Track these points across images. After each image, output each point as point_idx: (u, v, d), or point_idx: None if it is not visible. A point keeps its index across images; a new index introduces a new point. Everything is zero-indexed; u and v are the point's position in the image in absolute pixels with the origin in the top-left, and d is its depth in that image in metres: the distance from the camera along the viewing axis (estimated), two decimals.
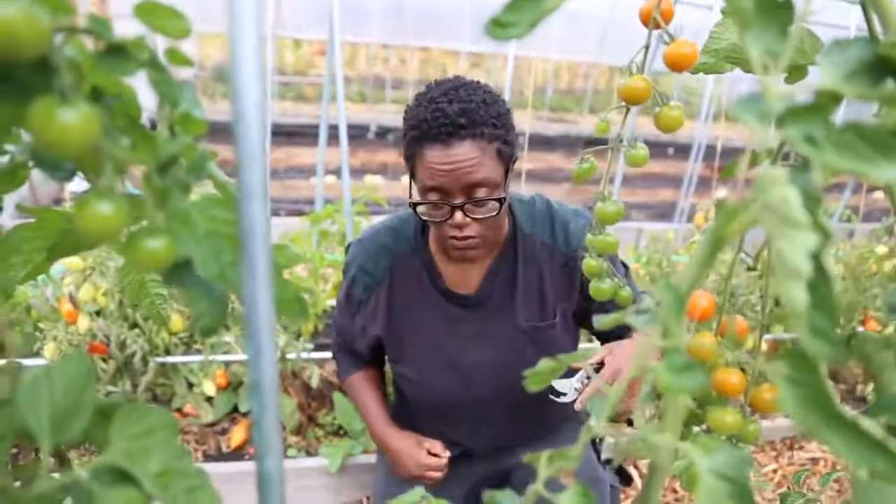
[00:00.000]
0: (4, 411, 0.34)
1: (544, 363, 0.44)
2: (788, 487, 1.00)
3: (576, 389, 1.15)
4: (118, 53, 0.36)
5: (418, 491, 0.49)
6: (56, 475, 0.35)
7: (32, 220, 0.56)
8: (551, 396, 1.15)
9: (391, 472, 1.38)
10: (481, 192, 1.10)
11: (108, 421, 0.38)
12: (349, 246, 1.35)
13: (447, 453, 1.30)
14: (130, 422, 0.38)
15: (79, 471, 0.34)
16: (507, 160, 1.13)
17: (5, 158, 0.45)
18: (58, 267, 2.26)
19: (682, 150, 7.14)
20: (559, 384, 1.15)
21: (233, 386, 2.09)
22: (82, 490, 0.33)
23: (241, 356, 1.99)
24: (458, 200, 1.10)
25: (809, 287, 0.30)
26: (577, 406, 1.12)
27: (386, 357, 1.41)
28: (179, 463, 0.40)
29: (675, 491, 2.18)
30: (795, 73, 0.55)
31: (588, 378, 1.15)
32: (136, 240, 0.35)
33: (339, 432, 2.07)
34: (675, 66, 0.60)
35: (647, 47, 0.60)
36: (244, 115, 0.32)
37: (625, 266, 1.31)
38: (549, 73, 10.22)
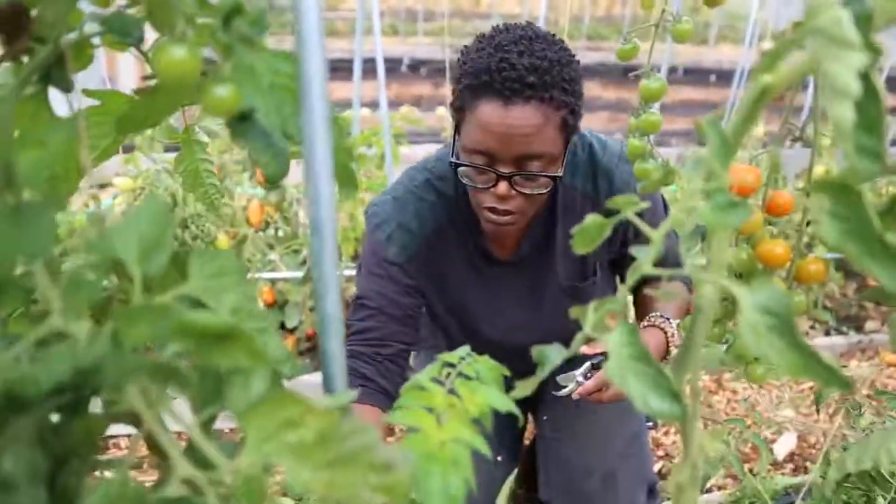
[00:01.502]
0: (100, 243, 0.37)
1: (591, 219, 0.46)
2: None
3: (577, 382, 1.10)
4: None
5: (465, 348, 0.52)
6: None
7: (98, 104, 0.59)
8: (553, 392, 1.12)
9: None
10: (535, 166, 0.98)
11: (184, 263, 0.41)
12: (372, 206, 1.21)
13: None
14: (205, 262, 0.41)
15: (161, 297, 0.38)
16: (570, 132, 1.00)
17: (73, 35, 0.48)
18: (107, 200, 2.34)
19: (725, 77, 6.91)
20: (562, 378, 1.12)
21: (279, 304, 2.16)
22: (172, 311, 0.36)
23: (287, 273, 2.06)
24: (506, 170, 0.98)
25: (857, 107, 0.31)
26: (575, 396, 1.08)
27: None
28: (250, 305, 0.44)
29: (710, 406, 2.22)
30: None
31: (591, 372, 1.11)
32: (205, 86, 0.37)
33: None
34: None
35: None
36: None
37: (665, 205, 1.27)
38: (586, 0, 9.90)
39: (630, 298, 1.35)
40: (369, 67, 2.52)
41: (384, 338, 1.13)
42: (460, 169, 1.03)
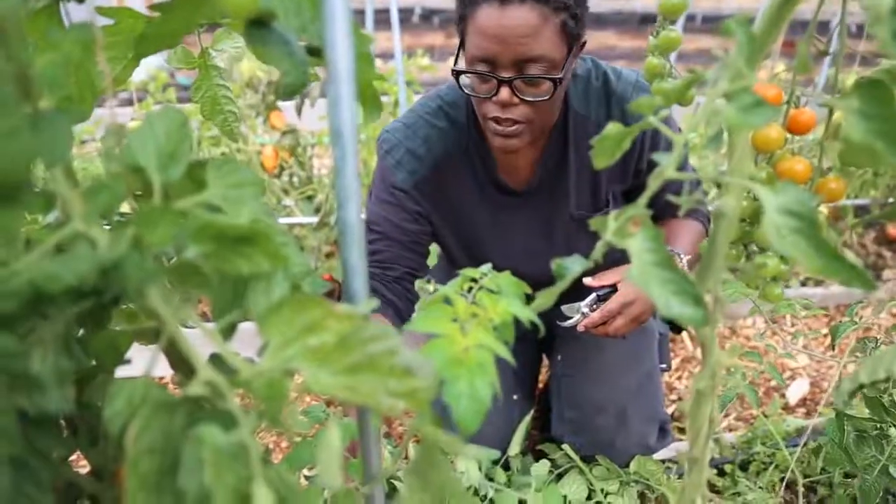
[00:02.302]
0: (120, 154, 0.37)
1: (612, 128, 0.45)
2: (841, 319, 1.01)
3: (582, 314, 1.11)
4: None
5: (487, 266, 0.52)
6: None
7: (111, 24, 0.58)
8: (557, 322, 1.12)
9: None
10: (535, 70, 0.97)
11: (203, 177, 0.41)
12: (384, 132, 1.21)
13: None
14: (223, 173, 0.41)
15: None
16: (571, 39, 0.99)
17: None
18: None
19: None
20: (567, 308, 1.12)
21: None
22: (192, 213, 0.36)
23: (302, 219, 2.06)
24: (506, 74, 0.98)
25: None
26: (580, 328, 1.10)
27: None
28: (268, 218, 0.44)
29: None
30: None
31: (596, 304, 1.12)
32: None
33: None
34: None
35: None
36: None
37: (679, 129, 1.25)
38: None
39: None
40: (381, 18, 2.47)
41: (388, 260, 1.16)
42: (464, 82, 1.03)
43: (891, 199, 2.71)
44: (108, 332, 0.44)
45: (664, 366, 1.45)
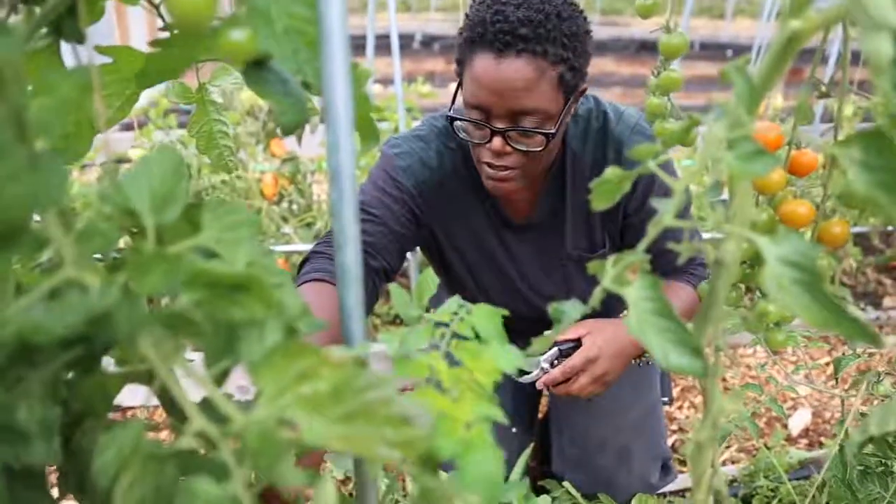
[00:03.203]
0: (113, 194, 0.36)
1: (611, 171, 0.45)
2: (843, 352, 1.01)
3: (542, 369, 1.06)
4: None
5: (455, 300, 0.51)
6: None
7: (110, 62, 0.58)
8: (515, 378, 1.08)
9: None
10: (529, 122, 0.95)
11: (198, 218, 0.41)
12: (392, 139, 1.18)
13: None
14: (219, 214, 0.40)
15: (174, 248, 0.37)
16: (569, 91, 0.97)
17: None
18: None
19: (742, 52, 6.80)
20: (525, 362, 1.06)
21: (294, 277, 2.17)
22: (185, 260, 0.35)
23: (301, 246, 2.06)
24: (500, 125, 0.96)
25: None
26: (539, 385, 1.05)
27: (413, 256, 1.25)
28: (265, 259, 0.43)
29: (724, 380, 2.21)
30: None
31: (557, 359, 1.06)
32: (222, 31, 0.37)
33: (396, 321, 2.15)
34: None
35: None
36: None
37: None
38: None
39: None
40: (382, 44, 2.49)
41: (375, 246, 1.05)
42: (458, 125, 1.02)
43: (890, 227, 2.71)
44: (98, 377, 0.43)
45: (665, 399, 1.43)
